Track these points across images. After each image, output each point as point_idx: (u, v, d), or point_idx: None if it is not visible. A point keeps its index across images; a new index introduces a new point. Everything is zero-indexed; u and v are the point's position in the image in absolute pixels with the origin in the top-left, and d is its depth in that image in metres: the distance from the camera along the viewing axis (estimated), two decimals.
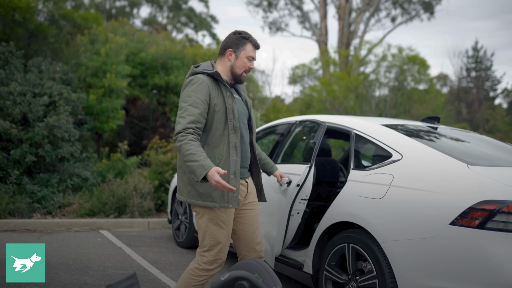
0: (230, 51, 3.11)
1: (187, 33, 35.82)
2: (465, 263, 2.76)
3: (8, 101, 7.80)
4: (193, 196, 2.99)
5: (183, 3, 33.78)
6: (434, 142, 3.66)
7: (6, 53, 8.80)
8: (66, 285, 4.20)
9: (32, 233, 6.37)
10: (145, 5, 33.99)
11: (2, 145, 7.65)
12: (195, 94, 2.92)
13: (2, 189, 7.24)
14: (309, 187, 3.83)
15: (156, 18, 35.07)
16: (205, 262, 3.03)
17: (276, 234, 3.92)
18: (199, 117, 2.88)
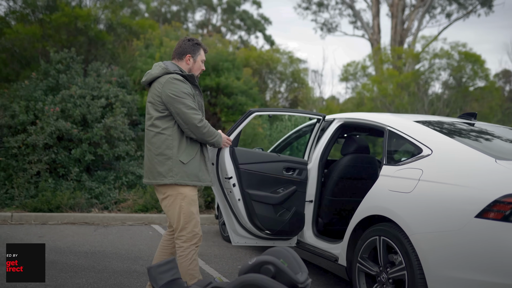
0: (189, 56, 3.58)
1: (241, 35, 36.33)
2: (489, 256, 2.82)
3: (69, 104, 8.37)
4: (181, 178, 3.39)
5: (236, 5, 34.28)
6: (465, 138, 3.69)
7: (68, 59, 9.42)
8: (118, 272, 4.54)
9: (89, 226, 6.84)
10: (199, 8, 34.77)
11: (64, 144, 8.22)
12: (187, 90, 3.41)
13: (63, 185, 7.79)
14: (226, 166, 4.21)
15: (210, 21, 35.80)
16: (184, 241, 3.42)
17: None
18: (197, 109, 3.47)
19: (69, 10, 10.50)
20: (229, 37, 35.24)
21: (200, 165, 3.48)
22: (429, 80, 16.04)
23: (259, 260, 2.77)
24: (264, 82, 13.91)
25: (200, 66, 3.64)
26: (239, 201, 4.34)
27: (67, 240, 5.77)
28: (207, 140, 3.48)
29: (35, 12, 11.22)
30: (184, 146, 3.43)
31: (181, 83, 3.39)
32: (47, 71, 9.28)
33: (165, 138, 3.41)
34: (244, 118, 4.41)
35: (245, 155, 4.38)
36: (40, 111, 8.30)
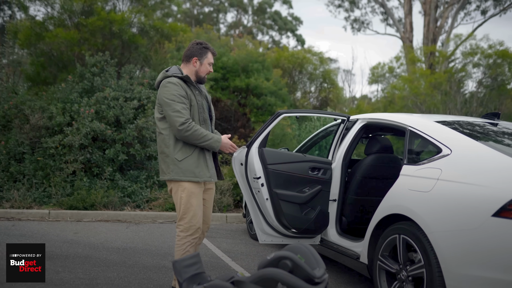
0: (196, 59, 3.75)
1: (272, 35, 36.45)
2: (506, 254, 2.85)
3: (103, 105, 8.66)
4: (176, 174, 3.61)
5: (267, 6, 34.38)
6: (485, 138, 3.71)
7: (102, 62, 9.74)
8: (147, 267, 4.73)
9: (122, 223, 7.09)
10: (231, 9, 35.06)
11: (98, 145, 8.52)
12: (178, 93, 3.57)
13: (98, 184, 8.08)
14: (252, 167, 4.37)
15: (241, 22, 36.05)
16: (181, 230, 3.65)
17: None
18: (187, 110, 3.60)
19: (104, 15, 10.83)
20: (260, 38, 35.42)
21: (198, 162, 3.65)
22: (462, 79, 15.77)
23: (277, 255, 2.88)
24: (294, 83, 13.99)
25: (207, 69, 3.78)
26: (267, 200, 4.45)
27: (100, 237, 6.01)
28: (194, 142, 3.59)
29: (72, 17, 11.62)
30: (180, 145, 3.63)
31: (173, 86, 3.58)
32: (82, 74, 9.62)
33: (163, 138, 3.68)
34: (273, 120, 4.53)
35: (273, 155, 4.50)
36: (76, 113, 8.62)
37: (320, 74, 14.05)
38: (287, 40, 38.83)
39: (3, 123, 8.79)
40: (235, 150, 3.88)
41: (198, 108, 3.70)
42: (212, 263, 5.08)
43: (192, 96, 3.68)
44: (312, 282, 2.86)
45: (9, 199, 7.56)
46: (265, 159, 4.39)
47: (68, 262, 4.75)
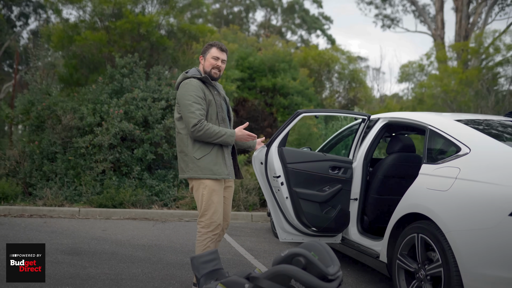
0: (201, 57, 3.91)
1: (301, 34, 36.35)
2: None
3: (132, 106, 8.87)
4: (195, 172, 3.71)
5: (296, 4, 34.27)
6: (505, 136, 3.65)
7: (131, 64, 9.96)
8: (171, 264, 4.84)
9: (149, 221, 7.25)
10: (260, 9, 35.13)
11: (127, 144, 8.72)
12: (195, 93, 3.65)
13: (126, 183, 8.28)
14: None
15: (270, 21, 36.06)
16: (202, 226, 3.73)
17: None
18: (203, 110, 3.66)
19: (133, 17, 11.06)
20: (290, 37, 35.36)
21: (217, 159, 3.73)
22: (496, 76, 15.40)
23: (291, 252, 2.93)
24: (321, 82, 13.96)
25: (210, 63, 3.83)
26: (287, 199, 4.51)
27: (127, 234, 6.17)
28: (209, 141, 3.66)
29: (102, 20, 11.91)
30: (198, 144, 3.71)
31: (191, 86, 3.67)
32: (112, 75, 9.86)
33: (182, 137, 3.78)
34: (292, 119, 4.57)
35: (293, 154, 4.54)
36: (106, 113, 8.86)
37: (348, 73, 13.97)
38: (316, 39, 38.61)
39: (37, 124, 9.10)
40: (253, 138, 3.91)
41: (217, 108, 3.78)
42: (235, 260, 5.16)
43: (211, 96, 3.76)
44: (326, 279, 2.89)
45: (42, 197, 7.84)
46: (284, 158, 4.44)
47: (95, 258, 4.91)
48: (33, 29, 28.07)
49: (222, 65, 3.89)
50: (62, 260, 4.75)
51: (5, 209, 7.19)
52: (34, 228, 6.20)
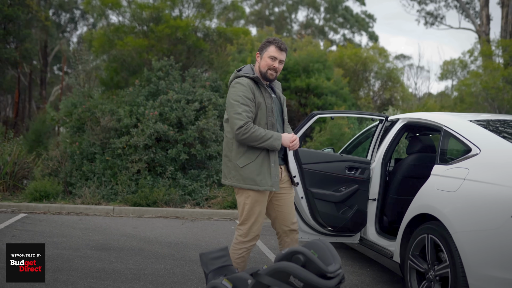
0: (258, 54, 3.65)
1: (344, 33, 36.04)
2: None
3: (167, 108, 9.15)
4: (237, 180, 3.51)
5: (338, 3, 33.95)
6: None
7: (167, 67, 10.26)
8: (193, 261, 5.01)
9: (179, 219, 7.48)
10: (302, 9, 35.07)
11: (161, 145, 9.00)
12: (243, 94, 3.43)
13: (160, 182, 8.55)
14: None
15: (313, 21, 35.94)
16: (240, 234, 3.58)
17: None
18: (250, 113, 3.43)
19: (172, 22, 11.39)
20: (333, 37, 35.11)
21: (261, 169, 3.47)
22: None
23: (291, 250, 3.03)
24: (357, 81, 13.86)
25: (267, 63, 3.53)
26: (302, 199, 4.59)
27: (156, 232, 6.40)
28: (255, 144, 3.40)
29: (141, 24, 12.32)
30: (243, 150, 3.48)
31: (241, 86, 3.45)
32: (149, 78, 10.19)
33: (227, 141, 3.58)
34: (307, 121, 4.65)
35: (308, 155, 4.62)
36: (142, 115, 9.17)
37: (385, 72, 13.81)
38: (359, 37, 38.14)
39: (78, 125, 9.53)
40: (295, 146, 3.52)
41: (267, 112, 3.52)
42: (256, 258, 5.28)
43: (261, 99, 3.52)
44: (324, 276, 2.97)
45: (80, 196, 8.22)
46: (299, 159, 4.52)
47: (122, 254, 5.14)
48: (81, 34, 29.24)
49: (279, 66, 3.59)
50: (91, 255, 5.01)
51: (45, 206, 7.59)
52: (69, 225, 6.53)
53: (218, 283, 3.15)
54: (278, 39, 3.61)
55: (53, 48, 27.63)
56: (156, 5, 11.90)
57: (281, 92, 3.83)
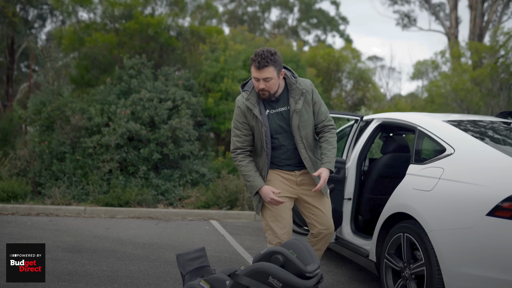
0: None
1: (317, 34, 36.27)
2: (499, 253, 2.85)
3: (139, 106, 9.02)
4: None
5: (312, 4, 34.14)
6: (491, 137, 3.68)
7: (139, 65, 10.12)
8: (168, 262, 4.94)
9: (152, 220, 7.37)
10: (275, 8, 35.12)
11: (134, 144, 8.87)
12: (235, 118, 3.54)
13: (132, 182, 8.42)
14: None
15: (286, 22, 36.05)
16: (268, 241, 3.61)
17: None
18: (242, 137, 3.51)
19: (142, 19, 11.23)
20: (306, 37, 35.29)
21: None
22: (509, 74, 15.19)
23: (270, 250, 3.01)
24: (330, 81, 13.96)
25: (254, 84, 3.43)
26: None
27: (130, 232, 6.29)
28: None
29: (112, 21, 12.11)
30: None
31: (236, 109, 3.54)
32: (120, 76, 10.03)
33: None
34: None
35: None
36: (113, 114, 9.02)
37: (357, 73, 13.95)
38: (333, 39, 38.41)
39: (47, 124, 9.30)
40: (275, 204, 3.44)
41: (262, 136, 3.48)
42: (232, 259, 5.24)
43: (253, 122, 3.48)
44: (303, 276, 2.96)
45: (50, 196, 8.01)
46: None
47: (95, 255, 5.03)
48: (50, 30, 28.54)
49: (267, 84, 3.35)
50: (62, 257, 4.88)
51: (14, 207, 7.37)
52: (39, 227, 6.36)
53: (196, 285, 3.11)
54: (260, 54, 3.32)
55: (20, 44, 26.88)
56: (128, 3, 11.70)
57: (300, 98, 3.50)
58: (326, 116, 3.64)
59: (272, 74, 3.33)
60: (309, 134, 3.59)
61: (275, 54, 3.34)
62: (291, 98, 3.51)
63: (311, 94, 3.57)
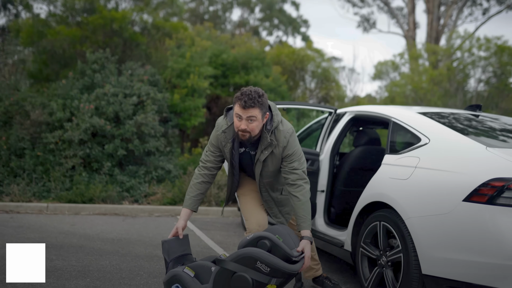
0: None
1: (278, 35, 36.49)
2: (475, 236, 2.94)
3: (103, 101, 8.80)
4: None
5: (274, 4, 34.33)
6: (462, 128, 3.79)
7: (102, 59, 9.88)
8: (139, 256, 4.84)
9: (119, 216, 7.21)
10: (237, 7, 35.11)
11: (98, 140, 8.65)
12: (211, 138, 3.49)
13: (96, 179, 8.21)
14: None
15: (247, 21, 36.10)
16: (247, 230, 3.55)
17: None
18: (209, 158, 3.49)
19: (106, 13, 10.97)
20: (266, 37, 35.43)
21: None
22: (465, 76, 15.76)
23: (256, 235, 2.99)
24: (294, 80, 14.06)
25: (235, 123, 3.20)
26: None
27: (97, 228, 6.13)
28: None
29: (74, 15, 11.78)
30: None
31: (214, 131, 3.43)
32: (83, 70, 9.76)
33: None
34: None
35: None
36: (76, 109, 8.77)
37: (321, 72, 14.11)
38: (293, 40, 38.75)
39: (4, 119, 8.94)
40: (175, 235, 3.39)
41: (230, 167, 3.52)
42: (204, 253, 5.18)
43: (228, 154, 3.43)
44: (290, 261, 2.96)
45: (8, 193, 7.70)
46: None
47: (62, 251, 4.86)
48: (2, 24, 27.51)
49: (249, 125, 3.14)
50: None
51: None
52: (0, 224, 6.10)
53: (180, 271, 3.06)
54: (247, 93, 3.11)
55: None
56: None
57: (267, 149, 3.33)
58: (298, 173, 3.33)
59: (256, 114, 3.12)
60: (274, 181, 3.54)
61: (262, 96, 3.14)
62: (259, 145, 3.35)
63: (282, 147, 3.32)
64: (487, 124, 4.00)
